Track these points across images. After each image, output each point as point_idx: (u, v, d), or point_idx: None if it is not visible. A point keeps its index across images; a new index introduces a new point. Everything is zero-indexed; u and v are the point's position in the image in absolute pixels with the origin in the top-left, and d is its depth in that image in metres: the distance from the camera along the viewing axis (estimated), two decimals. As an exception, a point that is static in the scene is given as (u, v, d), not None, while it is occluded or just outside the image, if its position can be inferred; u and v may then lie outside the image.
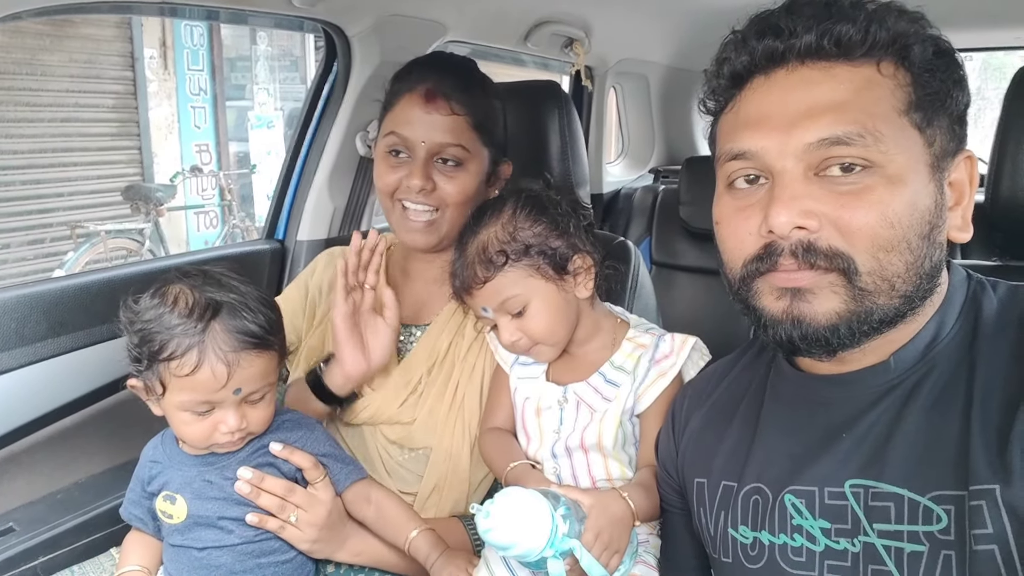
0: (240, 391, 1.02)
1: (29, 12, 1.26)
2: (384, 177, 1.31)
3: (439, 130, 1.27)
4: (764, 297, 0.83)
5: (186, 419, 1.04)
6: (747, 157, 0.82)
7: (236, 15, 1.80)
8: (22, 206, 6.37)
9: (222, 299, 1.02)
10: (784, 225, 0.77)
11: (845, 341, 0.79)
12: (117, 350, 1.51)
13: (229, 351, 1.00)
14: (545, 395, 1.20)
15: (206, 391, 1.01)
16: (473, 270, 1.13)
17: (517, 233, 1.13)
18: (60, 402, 1.45)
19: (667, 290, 2.52)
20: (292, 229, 1.98)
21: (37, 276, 6.03)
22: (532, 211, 1.16)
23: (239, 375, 1.01)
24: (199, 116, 7.68)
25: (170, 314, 1.00)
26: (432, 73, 1.31)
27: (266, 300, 1.08)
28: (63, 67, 6.41)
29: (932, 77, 0.79)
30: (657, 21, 2.61)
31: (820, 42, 0.79)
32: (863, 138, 0.76)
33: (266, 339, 1.04)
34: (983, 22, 2.38)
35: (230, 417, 1.03)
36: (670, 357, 1.15)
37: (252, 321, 1.02)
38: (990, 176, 1.34)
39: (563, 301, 1.16)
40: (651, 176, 3.23)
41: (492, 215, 1.17)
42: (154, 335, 1.00)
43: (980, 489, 0.72)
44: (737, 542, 0.91)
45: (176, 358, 0.99)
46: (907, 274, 0.78)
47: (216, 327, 1.00)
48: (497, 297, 1.14)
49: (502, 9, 2.12)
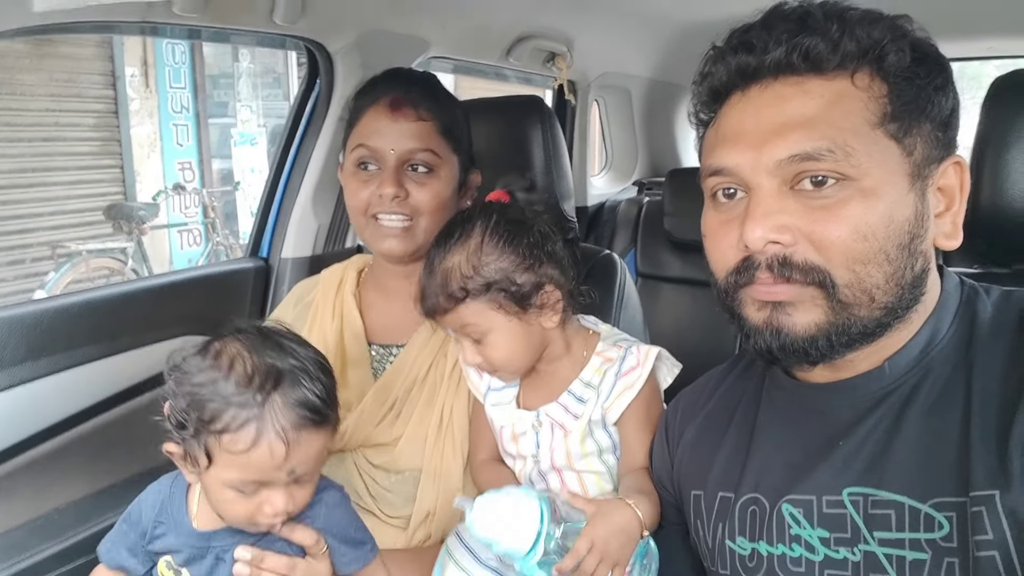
0: (294, 472, 0.92)
1: (8, 32, 1.25)
2: (356, 194, 1.29)
3: (408, 137, 1.26)
4: (747, 307, 0.84)
5: (230, 497, 0.93)
6: (724, 173, 0.83)
7: (217, 33, 1.79)
8: (2, 226, 6.30)
9: (283, 366, 0.92)
10: (758, 240, 0.78)
11: (823, 352, 0.80)
12: (98, 372, 1.50)
13: (290, 428, 0.90)
14: (519, 421, 1.20)
15: (260, 471, 0.90)
16: (436, 299, 1.13)
17: (481, 268, 1.11)
18: (40, 427, 1.42)
19: (653, 301, 2.53)
20: (276, 246, 1.96)
21: (18, 297, 5.96)
22: (501, 240, 1.12)
23: (297, 455, 0.91)
24: (182, 134, 7.65)
25: (226, 380, 0.90)
26: (395, 84, 1.32)
27: (323, 365, 0.98)
28: (43, 86, 6.37)
29: (910, 85, 0.78)
30: (638, 35, 2.64)
31: (789, 57, 0.79)
32: (832, 153, 0.76)
33: (326, 414, 0.94)
34: (955, 33, 2.42)
35: (278, 499, 0.92)
36: (636, 369, 1.14)
37: (312, 392, 0.92)
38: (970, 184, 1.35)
39: (524, 332, 1.14)
40: (635, 188, 3.25)
41: (460, 239, 1.13)
42: (206, 403, 0.89)
43: (980, 495, 0.72)
44: (735, 553, 0.90)
45: (230, 432, 0.88)
46: (887, 285, 0.78)
47: (277, 400, 0.90)
48: (457, 323, 1.14)
49: (484, 24, 2.13)
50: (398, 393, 1.29)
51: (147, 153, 7.36)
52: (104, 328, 1.50)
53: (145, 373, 1.55)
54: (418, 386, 1.30)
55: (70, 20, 1.33)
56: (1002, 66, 2.95)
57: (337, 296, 1.42)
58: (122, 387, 1.54)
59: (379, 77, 1.38)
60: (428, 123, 1.28)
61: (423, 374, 1.30)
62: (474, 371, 1.26)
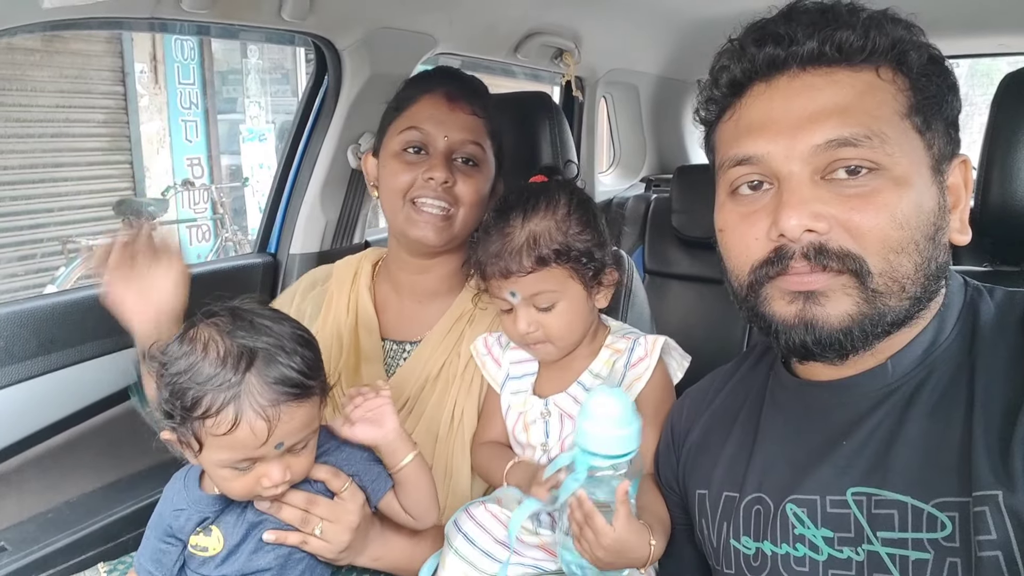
0: (282, 445, 0.95)
1: (18, 29, 1.25)
2: (399, 175, 1.30)
3: (461, 128, 1.30)
4: (774, 302, 0.83)
5: (227, 475, 0.97)
6: (752, 162, 0.82)
7: (226, 30, 1.80)
8: (13, 222, 6.34)
9: (256, 345, 0.94)
10: (795, 228, 0.77)
11: (858, 344, 0.79)
12: (107, 367, 1.51)
13: (268, 405, 0.92)
14: (531, 409, 1.20)
15: (246, 449, 0.93)
16: (519, 259, 1.12)
17: (570, 235, 1.13)
18: (50, 420, 1.43)
19: (661, 299, 2.53)
20: (284, 242, 1.97)
21: (28, 292, 6.00)
22: (586, 214, 1.16)
23: (280, 429, 0.93)
24: (190, 130, 7.67)
25: (201, 366, 0.92)
26: (451, 79, 1.36)
27: (302, 338, 1.00)
28: (53, 82, 6.40)
29: (929, 82, 0.80)
30: (645, 32, 2.63)
31: (822, 48, 0.80)
32: (870, 140, 0.77)
33: (306, 385, 0.96)
34: (966, 30, 2.40)
35: (274, 471, 0.96)
36: (645, 359, 1.16)
37: (290, 366, 0.94)
38: (979, 182, 1.34)
39: (586, 307, 1.17)
40: (643, 185, 3.24)
41: (546, 205, 1.15)
42: (185, 390, 0.92)
43: (983, 495, 0.72)
44: (740, 553, 0.90)
45: (211, 416, 0.91)
46: (916, 275, 0.78)
47: (252, 380, 0.92)
48: (532, 288, 1.13)
49: (492, 21, 2.13)
50: (411, 391, 1.30)
51: (156, 149, 7.38)
52: (114, 323, 1.50)
53: (154, 368, 1.56)
54: (431, 384, 1.30)
55: (79, 16, 1.34)
56: (1014, 63, 2.93)
57: (352, 289, 1.42)
58: (132, 381, 1.55)
59: (435, 70, 1.43)
60: (480, 120, 1.32)
61: (436, 372, 1.31)
62: (491, 361, 1.26)
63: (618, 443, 0.93)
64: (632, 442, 0.94)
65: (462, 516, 1.14)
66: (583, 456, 0.95)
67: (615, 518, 0.92)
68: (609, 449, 0.93)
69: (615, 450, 0.93)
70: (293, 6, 1.54)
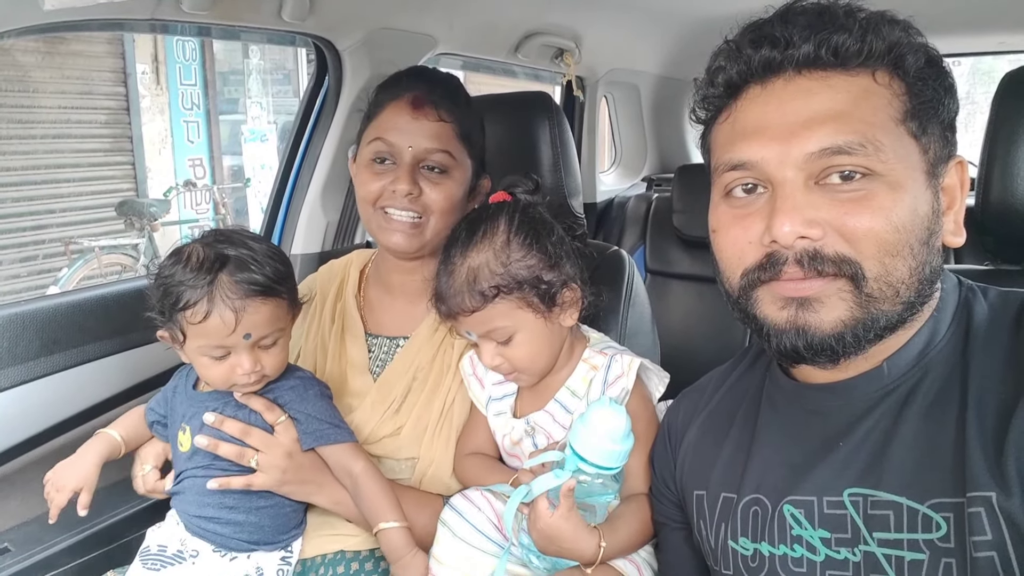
0: (250, 336, 1.11)
1: (19, 30, 1.26)
2: (368, 185, 1.30)
3: (426, 136, 1.27)
4: (766, 306, 0.82)
5: (206, 363, 1.13)
6: (747, 167, 0.82)
7: (227, 31, 1.80)
8: (15, 223, 6.36)
9: (230, 253, 1.11)
10: (788, 235, 0.77)
11: (850, 349, 0.79)
12: (110, 368, 1.52)
13: (236, 299, 1.08)
14: (514, 429, 1.20)
15: (217, 336, 1.09)
16: (462, 298, 1.10)
17: (511, 266, 1.09)
18: (54, 421, 1.44)
19: (662, 298, 2.53)
20: (286, 243, 1.97)
21: (31, 293, 6.01)
22: (527, 238, 1.11)
23: (247, 321, 1.09)
24: (192, 130, 7.69)
25: (183, 269, 1.10)
26: (419, 82, 1.32)
27: (275, 254, 1.17)
28: (55, 83, 6.42)
29: (925, 86, 0.79)
30: (646, 31, 2.63)
31: (818, 52, 0.79)
32: (864, 147, 0.76)
33: (272, 287, 1.12)
34: (967, 28, 2.40)
35: (244, 360, 1.12)
36: (622, 378, 1.13)
37: (259, 272, 1.11)
38: (980, 180, 1.34)
39: (548, 332, 1.14)
40: (644, 185, 3.24)
41: (485, 236, 1.12)
42: (171, 289, 1.09)
43: (978, 496, 0.72)
44: (738, 554, 0.90)
45: (189, 307, 1.08)
46: (910, 280, 0.78)
47: (223, 278, 1.09)
48: (483, 326, 1.12)
49: (492, 21, 2.13)
50: (401, 387, 1.30)
51: (158, 150, 7.40)
52: (117, 323, 1.52)
53: (158, 368, 1.57)
54: (422, 377, 1.31)
55: (79, 18, 1.34)
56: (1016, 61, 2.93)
57: (339, 300, 1.43)
58: (135, 381, 1.56)
59: (403, 73, 1.38)
60: (447, 125, 1.28)
61: (428, 363, 1.31)
62: (475, 382, 1.26)
63: (610, 456, 0.99)
64: (622, 459, 1.01)
65: (458, 499, 1.15)
66: (573, 458, 1.00)
67: (557, 509, 0.99)
68: (600, 460, 0.99)
69: (606, 462, 1.00)
70: (293, 7, 1.54)
